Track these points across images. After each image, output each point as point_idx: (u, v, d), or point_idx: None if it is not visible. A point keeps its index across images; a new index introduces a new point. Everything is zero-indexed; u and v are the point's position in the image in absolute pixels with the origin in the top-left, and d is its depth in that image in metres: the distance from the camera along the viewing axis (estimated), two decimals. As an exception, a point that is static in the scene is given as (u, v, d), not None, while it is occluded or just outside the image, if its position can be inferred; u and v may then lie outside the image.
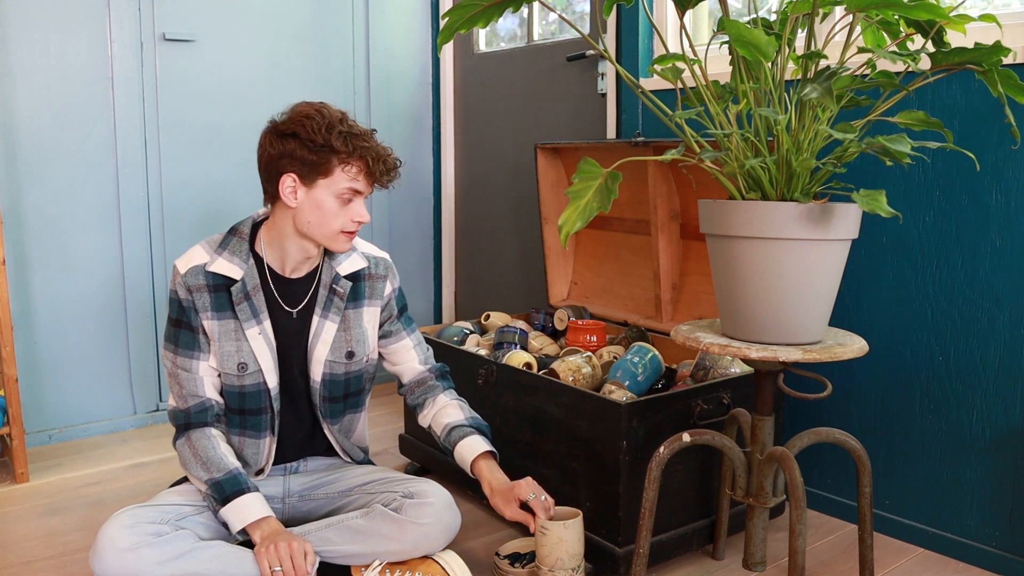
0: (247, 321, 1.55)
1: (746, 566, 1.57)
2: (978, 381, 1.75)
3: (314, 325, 1.61)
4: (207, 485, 1.50)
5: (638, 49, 2.39)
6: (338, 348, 1.62)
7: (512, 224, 2.96)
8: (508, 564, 1.66)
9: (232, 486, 1.49)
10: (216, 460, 1.51)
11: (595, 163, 1.37)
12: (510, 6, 1.43)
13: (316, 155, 1.47)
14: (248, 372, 1.56)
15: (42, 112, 2.40)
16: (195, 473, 1.52)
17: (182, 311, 1.54)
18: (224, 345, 1.55)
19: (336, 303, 1.62)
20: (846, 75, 1.31)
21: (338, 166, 1.48)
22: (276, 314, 1.59)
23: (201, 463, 1.51)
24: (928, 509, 1.85)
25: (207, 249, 1.56)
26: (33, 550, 1.83)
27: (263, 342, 1.56)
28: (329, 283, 1.62)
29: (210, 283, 1.54)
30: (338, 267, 1.63)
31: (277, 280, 1.59)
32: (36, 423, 2.48)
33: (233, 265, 1.55)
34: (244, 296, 1.55)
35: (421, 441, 2.23)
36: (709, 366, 1.81)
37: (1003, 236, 1.69)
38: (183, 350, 1.55)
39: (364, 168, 1.50)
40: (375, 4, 3.02)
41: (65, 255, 2.48)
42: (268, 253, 1.58)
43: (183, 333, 1.55)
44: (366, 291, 1.66)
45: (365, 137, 1.50)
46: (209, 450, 1.52)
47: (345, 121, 1.50)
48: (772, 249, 1.32)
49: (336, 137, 1.46)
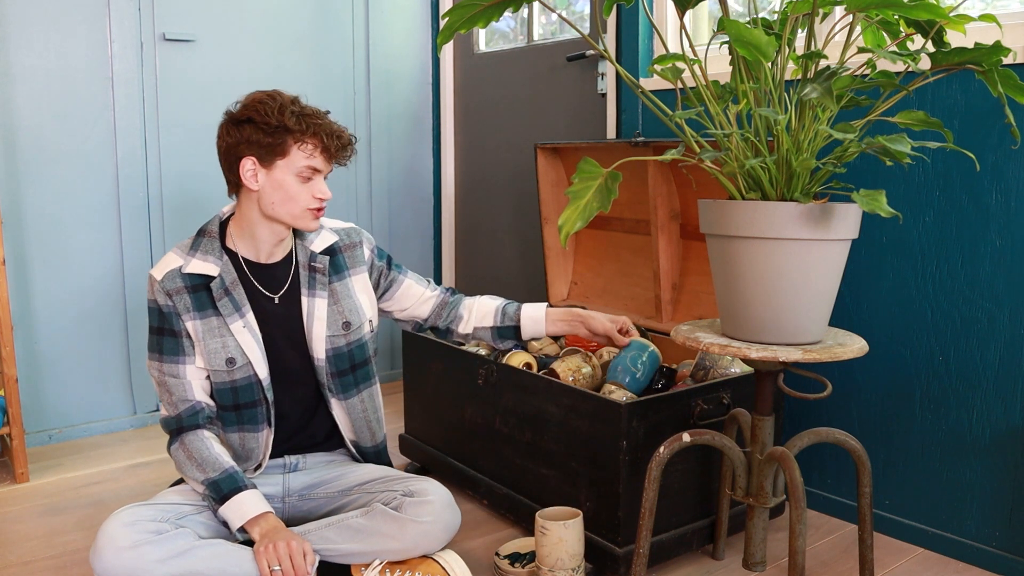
0: (229, 316, 1.57)
1: (746, 566, 1.57)
2: (978, 381, 1.75)
3: (305, 306, 1.63)
4: (204, 486, 1.51)
5: (638, 49, 2.39)
6: (334, 322, 1.65)
7: (512, 224, 2.96)
8: (508, 564, 1.66)
9: (229, 484, 1.50)
10: (211, 460, 1.52)
11: (595, 163, 1.37)
12: (510, 6, 1.43)
13: (272, 137, 1.51)
14: (237, 366, 1.57)
15: (42, 112, 2.40)
16: (191, 475, 1.53)
17: (163, 318, 1.57)
18: (209, 343, 1.56)
19: (320, 279, 1.65)
20: (846, 75, 1.31)
21: (293, 145, 1.52)
22: (258, 304, 1.61)
23: (196, 465, 1.52)
24: (928, 509, 1.85)
25: (179, 253, 1.59)
26: (33, 550, 1.83)
27: (248, 335, 1.58)
28: (307, 262, 1.65)
29: (188, 284, 1.56)
30: (311, 245, 1.67)
31: (254, 269, 1.62)
32: (36, 423, 2.48)
33: (208, 263, 1.58)
34: (224, 291, 1.57)
35: (421, 441, 2.23)
36: (709, 366, 1.81)
37: (1003, 236, 1.69)
38: (168, 356, 1.57)
39: (319, 145, 1.53)
40: (375, 4, 3.02)
41: (65, 255, 2.48)
42: (240, 245, 1.61)
43: (166, 340, 1.57)
44: (346, 262, 1.69)
45: (318, 115, 1.54)
46: (203, 451, 1.53)
47: (297, 103, 1.55)
48: (772, 249, 1.32)
49: (289, 117, 1.51)
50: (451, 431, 2.09)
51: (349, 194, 3.05)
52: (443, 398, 2.10)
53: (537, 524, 1.56)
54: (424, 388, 2.18)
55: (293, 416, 1.67)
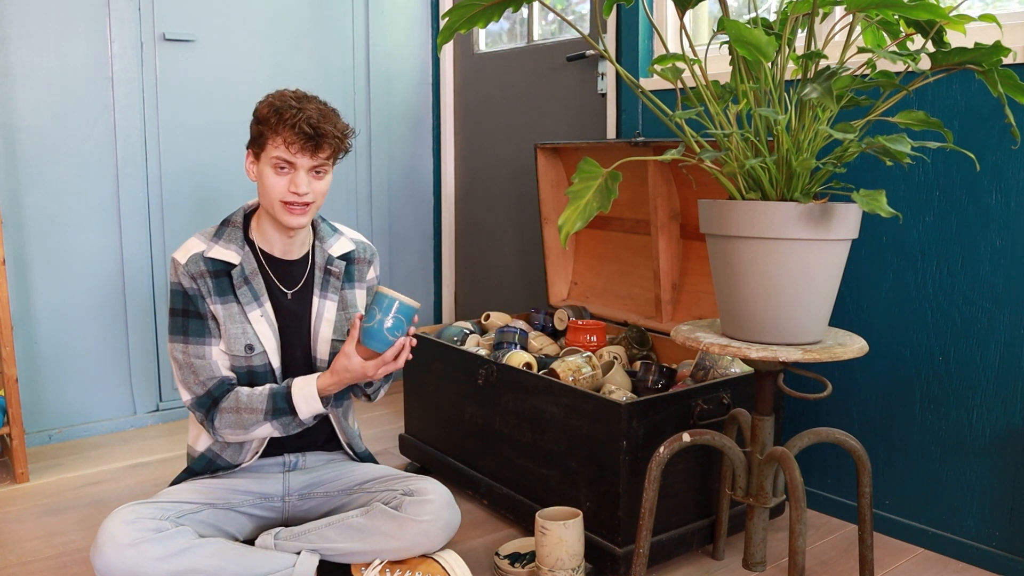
0: (248, 304, 1.58)
1: (746, 566, 1.57)
2: (978, 381, 1.75)
3: (315, 306, 1.64)
4: (270, 416, 1.54)
5: (638, 49, 2.39)
6: (340, 327, 1.66)
7: (512, 224, 2.96)
8: (508, 564, 1.66)
9: (280, 395, 1.54)
10: (255, 397, 1.54)
11: (595, 163, 1.37)
12: (510, 6, 1.43)
13: (256, 129, 1.54)
14: (255, 353, 1.58)
15: (42, 112, 2.40)
16: (254, 427, 1.54)
17: (188, 300, 1.56)
18: (230, 328, 1.57)
19: (333, 283, 1.66)
20: (846, 75, 1.31)
21: (270, 137, 1.52)
22: (275, 296, 1.62)
23: (248, 411, 1.54)
24: (928, 509, 1.85)
25: (203, 239, 1.60)
26: (33, 550, 1.83)
27: (266, 324, 1.59)
28: (324, 264, 1.66)
29: (210, 269, 1.57)
30: (329, 249, 1.68)
31: (272, 263, 1.63)
32: (36, 423, 2.48)
33: (230, 251, 1.59)
34: (244, 280, 1.59)
35: (421, 441, 2.23)
36: (709, 366, 1.81)
37: (1003, 236, 1.69)
38: (194, 338, 1.56)
39: (287, 138, 1.50)
40: (375, 4, 3.02)
41: (65, 255, 2.48)
42: (259, 237, 1.63)
43: (192, 322, 1.56)
44: (356, 274, 1.71)
45: (291, 107, 1.50)
46: (243, 398, 1.54)
47: (282, 95, 1.53)
48: (772, 249, 1.32)
49: (266, 107, 1.52)
50: (451, 431, 2.09)
51: (349, 194, 3.05)
52: (443, 398, 2.10)
53: (537, 524, 1.56)
54: (424, 388, 2.18)
55: None
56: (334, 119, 1.54)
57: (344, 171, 3.02)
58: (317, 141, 1.50)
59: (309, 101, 1.53)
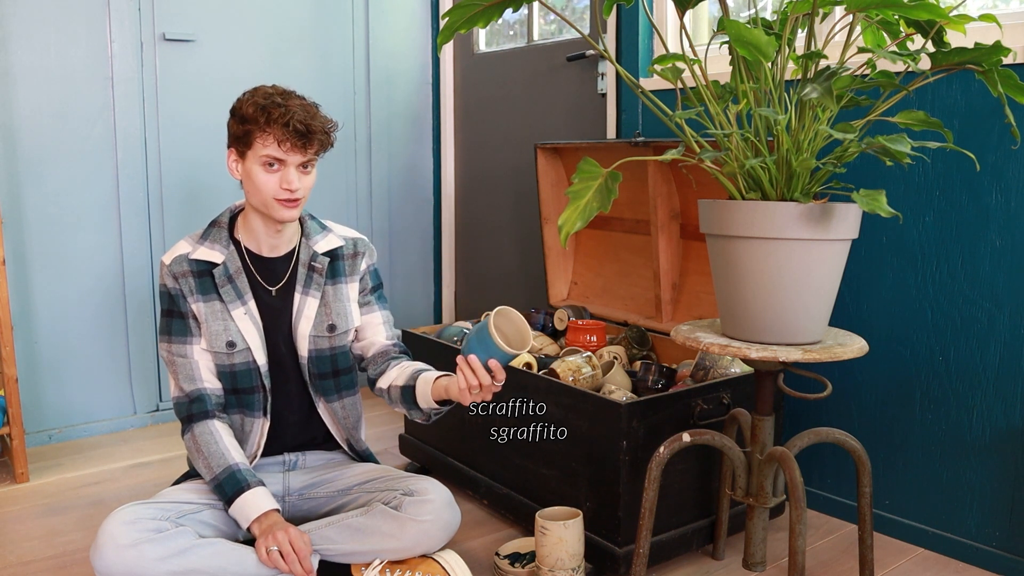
0: (232, 302, 1.60)
1: (746, 566, 1.57)
2: (978, 381, 1.75)
3: (296, 302, 1.66)
4: (211, 487, 1.54)
5: (638, 49, 2.39)
6: (320, 323, 1.66)
7: (512, 224, 2.96)
8: (508, 564, 1.66)
9: (232, 487, 1.51)
10: (217, 456, 1.54)
11: (595, 163, 1.37)
12: (510, 6, 1.43)
13: (240, 128, 1.53)
14: (237, 350, 1.60)
15: (42, 112, 2.40)
16: (201, 471, 1.56)
17: (171, 301, 1.61)
18: (212, 325, 1.59)
19: (316, 279, 1.66)
20: (846, 75, 1.31)
21: (257, 135, 1.52)
22: (259, 294, 1.64)
23: (204, 460, 1.54)
24: (928, 509, 1.85)
25: (189, 241, 1.64)
26: (33, 550, 1.83)
27: (249, 321, 1.61)
28: (308, 261, 1.67)
29: (194, 269, 1.60)
30: (315, 245, 1.68)
31: (256, 261, 1.64)
32: (36, 423, 2.48)
33: (214, 251, 1.62)
34: (227, 279, 1.61)
35: (421, 441, 2.23)
36: (709, 366, 1.81)
37: (1003, 236, 1.69)
38: (176, 337, 1.61)
39: (277, 135, 1.51)
40: (375, 4, 3.02)
41: (65, 255, 2.48)
42: (244, 236, 1.65)
43: (175, 322, 1.61)
44: (345, 269, 1.70)
45: (277, 105, 1.51)
46: (211, 445, 1.55)
47: (265, 92, 1.53)
48: (772, 249, 1.32)
49: (251, 106, 1.51)
50: (451, 431, 2.09)
51: (349, 194, 3.05)
52: (443, 398, 2.10)
53: (537, 524, 1.56)
54: (424, 388, 2.18)
55: (291, 411, 1.68)
56: (320, 115, 1.55)
57: (344, 171, 3.02)
58: (308, 138, 1.52)
59: (291, 98, 1.53)
